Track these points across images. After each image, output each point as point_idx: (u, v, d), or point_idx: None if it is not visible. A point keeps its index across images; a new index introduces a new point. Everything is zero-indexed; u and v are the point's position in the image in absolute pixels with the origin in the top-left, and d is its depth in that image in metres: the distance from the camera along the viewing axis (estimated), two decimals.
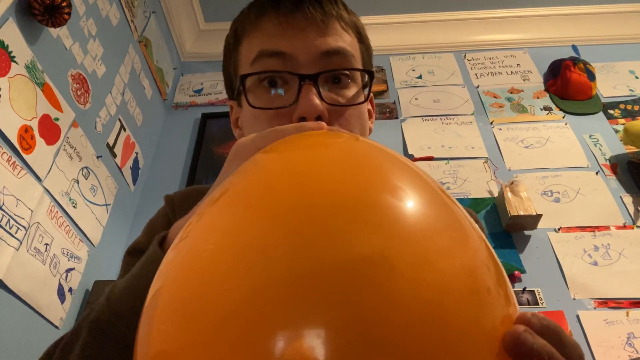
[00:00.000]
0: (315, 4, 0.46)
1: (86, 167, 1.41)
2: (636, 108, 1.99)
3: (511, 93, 2.11)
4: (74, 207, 1.32)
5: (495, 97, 2.09)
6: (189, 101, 2.17)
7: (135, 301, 0.37)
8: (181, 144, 2.01)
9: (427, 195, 0.29)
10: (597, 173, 1.75)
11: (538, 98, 2.08)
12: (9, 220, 1.04)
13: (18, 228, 1.07)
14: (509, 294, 0.28)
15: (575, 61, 2.04)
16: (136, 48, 1.86)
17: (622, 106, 2.00)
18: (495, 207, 1.67)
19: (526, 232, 1.59)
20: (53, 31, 1.29)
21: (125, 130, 1.70)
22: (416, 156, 1.86)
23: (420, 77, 2.21)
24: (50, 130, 1.24)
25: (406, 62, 2.29)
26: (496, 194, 1.70)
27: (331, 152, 0.33)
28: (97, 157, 1.48)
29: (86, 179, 1.40)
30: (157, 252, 0.40)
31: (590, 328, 1.35)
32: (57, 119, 1.28)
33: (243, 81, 0.47)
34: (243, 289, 0.24)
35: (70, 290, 1.28)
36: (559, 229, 1.59)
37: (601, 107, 2.00)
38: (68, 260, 1.27)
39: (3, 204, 1.03)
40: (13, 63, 1.11)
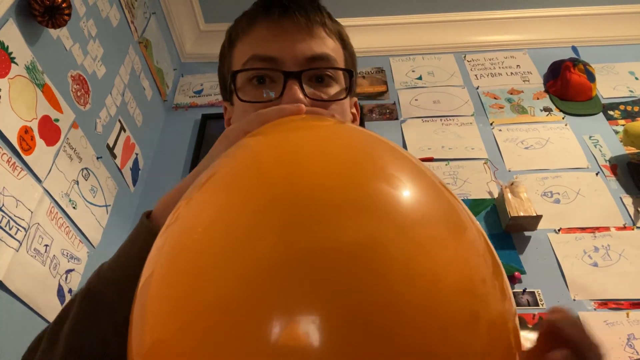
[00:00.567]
0: (302, 12, 0.50)
1: (86, 168, 1.41)
2: (636, 109, 1.99)
3: (511, 94, 2.11)
4: (74, 208, 1.32)
5: (495, 98, 2.09)
6: (189, 102, 2.17)
7: (124, 270, 0.39)
8: (181, 145, 2.01)
9: (421, 181, 0.28)
10: (597, 174, 1.75)
11: (538, 99, 2.08)
12: (9, 221, 1.04)
13: (18, 229, 1.07)
14: (505, 288, 0.28)
15: (575, 62, 2.04)
16: (136, 49, 1.86)
17: (622, 107, 2.01)
18: (495, 208, 1.67)
19: (526, 233, 1.59)
20: (53, 32, 1.29)
21: (125, 131, 1.70)
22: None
23: (420, 78, 2.21)
24: (50, 131, 1.24)
25: (406, 63, 2.29)
26: (496, 195, 1.70)
27: (319, 136, 0.33)
28: (97, 158, 1.48)
29: (86, 180, 1.40)
30: (144, 222, 0.41)
31: (590, 329, 1.35)
32: (57, 120, 1.28)
33: (234, 78, 0.51)
34: (235, 273, 0.23)
35: (70, 291, 1.28)
36: (559, 230, 1.59)
37: (601, 108, 2.00)
38: (68, 261, 1.27)
39: (3, 205, 1.03)
40: (13, 64, 1.11)
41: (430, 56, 2.31)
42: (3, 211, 1.03)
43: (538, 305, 1.41)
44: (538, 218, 1.54)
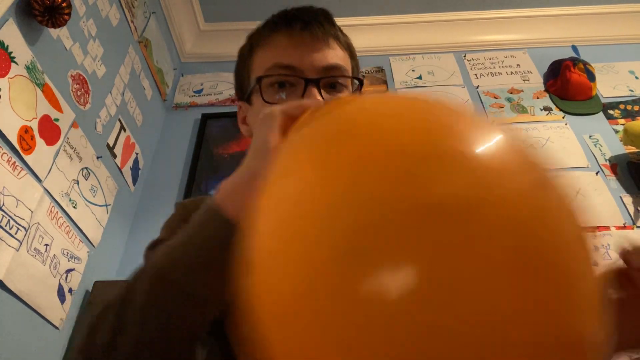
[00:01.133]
0: (319, 26, 0.57)
1: (86, 168, 1.41)
2: (636, 108, 1.99)
3: (511, 93, 2.11)
4: (74, 208, 1.32)
5: (495, 98, 2.09)
6: (189, 102, 2.17)
7: (199, 254, 0.39)
8: (181, 145, 2.01)
9: (500, 134, 0.29)
10: (597, 173, 1.75)
11: (538, 98, 2.08)
12: (9, 220, 1.05)
13: (18, 229, 1.07)
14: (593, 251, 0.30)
15: (575, 61, 2.04)
16: (136, 48, 1.86)
17: (622, 106, 2.01)
18: None
19: None
20: (53, 32, 1.29)
21: (125, 130, 1.70)
22: None
23: (420, 78, 2.21)
24: (50, 130, 1.24)
25: (406, 63, 2.29)
26: None
27: (382, 101, 0.34)
28: (97, 158, 1.48)
29: (86, 180, 1.40)
30: (214, 208, 0.40)
31: None
32: (57, 120, 1.28)
33: (259, 82, 0.56)
34: (343, 229, 0.24)
35: (70, 290, 1.28)
36: None
37: (601, 108, 2.00)
38: (68, 260, 1.27)
39: (3, 205, 1.03)
40: (13, 64, 1.11)
41: (430, 55, 2.31)
42: (3, 211, 1.03)
43: None
44: None
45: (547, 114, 2.01)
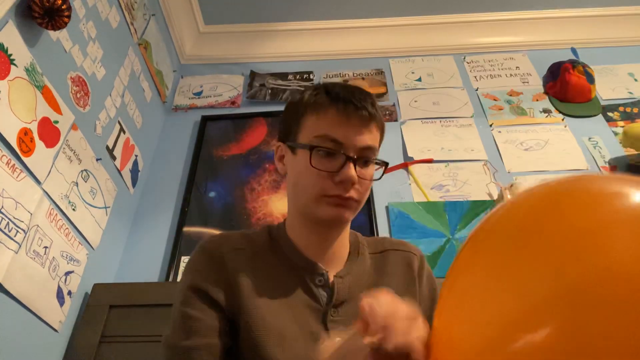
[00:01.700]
0: (366, 112, 0.71)
1: (86, 170, 1.41)
2: (635, 110, 1.99)
3: (510, 95, 2.11)
4: (74, 210, 1.32)
5: (494, 100, 2.09)
6: (189, 103, 2.17)
7: None
8: (181, 147, 2.00)
9: None
10: None
11: (537, 100, 2.08)
12: (8, 223, 1.04)
13: (17, 231, 1.07)
14: None
15: (574, 64, 2.04)
16: (136, 50, 1.86)
17: (622, 109, 2.01)
18: None
19: None
20: (53, 34, 1.29)
21: (124, 132, 1.70)
22: (415, 159, 1.86)
23: (419, 80, 2.21)
24: (49, 133, 1.24)
25: (406, 65, 2.30)
26: (496, 197, 1.70)
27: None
28: (97, 160, 1.48)
29: (85, 182, 1.40)
30: None
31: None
32: (57, 122, 1.28)
33: (313, 148, 0.70)
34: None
35: (69, 293, 1.28)
36: None
37: (600, 110, 2.00)
38: (67, 263, 1.27)
39: (2, 207, 1.03)
40: (12, 66, 1.11)
41: (429, 58, 2.32)
42: (2, 213, 1.03)
43: None
44: None
45: (547, 116, 2.01)
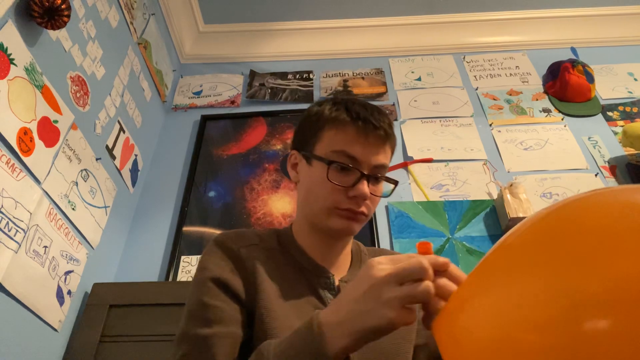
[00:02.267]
0: (383, 132, 0.73)
1: (85, 169, 1.41)
2: (635, 110, 1.99)
3: (510, 95, 2.11)
4: (73, 210, 1.32)
5: (494, 99, 2.09)
6: (188, 103, 2.17)
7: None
8: (180, 146, 2.01)
9: None
10: (597, 175, 1.75)
11: (537, 100, 2.08)
12: (8, 222, 1.04)
13: (17, 230, 1.07)
14: None
15: (574, 63, 2.04)
16: (135, 50, 1.86)
17: (621, 108, 2.01)
18: (494, 209, 1.67)
19: None
20: (52, 33, 1.29)
21: (124, 132, 1.70)
22: (415, 158, 1.86)
23: (419, 79, 2.21)
24: (49, 132, 1.24)
25: (405, 64, 2.30)
26: (495, 196, 1.70)
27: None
28: (96, 159, 1.48)
29: (85, 181, 1.40)
30: (316, 331, 0.52)
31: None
32: (56, 121, 1.27)
33: (330, 163, 0.72)
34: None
35: (69, 292, 1.28)
36: None
37: (600, 109, 2.00)
38: (67, 262, 1.27)
39: (2, 207, 1.03)
40: (12, 65, 1.11)
41: (429, 57, 2.32)
42: (2, 213, 1.03)
43: None
44: None
45: (546, 116, 2.01)
